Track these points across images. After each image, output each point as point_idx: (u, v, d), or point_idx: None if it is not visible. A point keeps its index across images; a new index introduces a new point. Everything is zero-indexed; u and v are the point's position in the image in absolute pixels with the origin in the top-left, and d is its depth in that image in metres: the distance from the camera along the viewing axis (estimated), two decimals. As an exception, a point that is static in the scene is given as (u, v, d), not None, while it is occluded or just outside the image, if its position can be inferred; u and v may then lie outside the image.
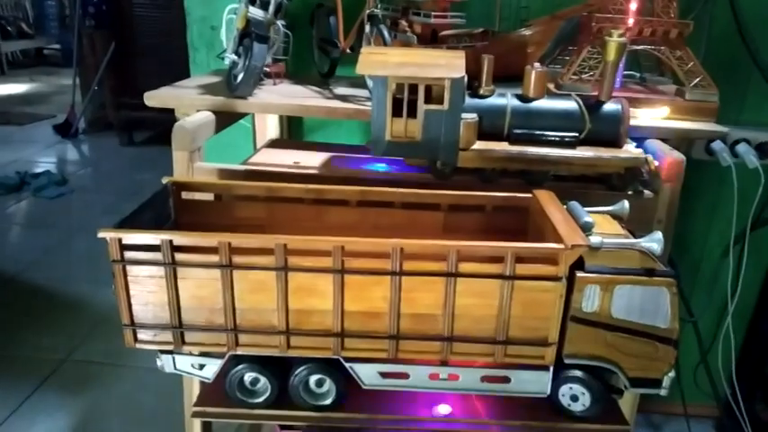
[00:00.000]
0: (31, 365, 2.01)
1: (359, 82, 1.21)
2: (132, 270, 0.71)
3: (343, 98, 1.11)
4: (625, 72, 1.21)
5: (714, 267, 1.63)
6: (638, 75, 1.29)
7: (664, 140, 1.01)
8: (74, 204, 3.44)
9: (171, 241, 0.69)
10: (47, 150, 4.51)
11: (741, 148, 1.45)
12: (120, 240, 0.69)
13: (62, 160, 4.29)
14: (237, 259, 0.70)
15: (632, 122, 0.98)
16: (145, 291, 0.72)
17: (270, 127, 1.46)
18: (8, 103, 6.10)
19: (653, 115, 1.04)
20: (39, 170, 3.85)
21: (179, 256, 0.70)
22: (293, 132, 1.55)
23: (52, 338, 2.16)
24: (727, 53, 1.43)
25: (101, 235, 0.69)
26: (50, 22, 8.78)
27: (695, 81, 1.07)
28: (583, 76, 1.07)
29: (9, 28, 8.09)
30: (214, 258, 0.70)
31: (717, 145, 1.45)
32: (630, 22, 1.08)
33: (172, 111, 1.08)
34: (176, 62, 4.90)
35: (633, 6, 1.06)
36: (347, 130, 1.53)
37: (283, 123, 1.49)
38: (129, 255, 0.70)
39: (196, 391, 1.02)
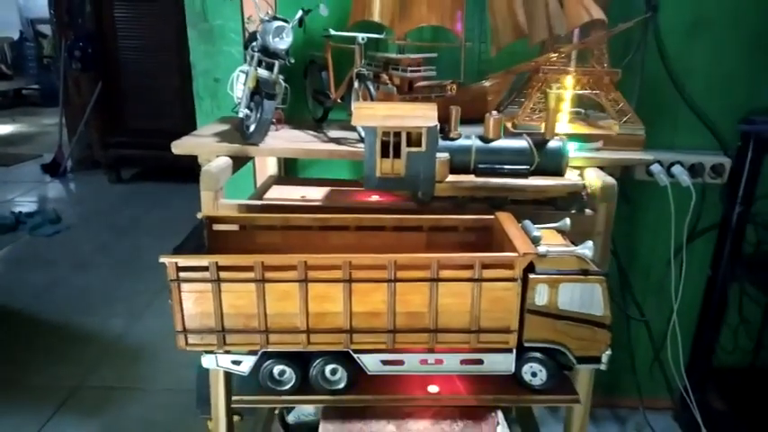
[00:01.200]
0: (47, 393, 2.15)
1: (347, 125, 1.42)
2: (185, 287, 0.91)
3: (338, 141, 1.33)
4: (571, 109, 1.45)
5: (661, 273, 1.86)
6: (582, 111, 1.54)
7: (601, 168, 1.25)
8: (70, 241, 3.59)
9: (217, 263, 0.89)
10: (37, 190, 4.65)
11: (676, 169, 1.71)
12: (176, 264, 0.89)
13: (54, 199, 4.43)
14: (268, 275, 0.91)
15: (573, 154, 1.22)
16: (194, 303, 0.92)
17: (269, 164, 1.67)
18: (-9, 145, 6.19)
19: (592, 147, 1.28)
20: (31, 209, 3.99)
21: (223, 275, 0.90)
22: (289, 169, 1.76)
23: (65, 367, 2.31)
24: (660, 89, 1.69)
25: (162, 260, 0.89)
26: (29, 62, 8.91)
27: (625, 119, 1.32)
28: (534, 116, 1.31)
29: (-12, 70, 8.17)
30: (250, 275, 0.90)
31: (655, 167, 1.71)
32: (571, 71, 1.33)
33: (159, 148, 1.26)
34: (161, 102, 5.11)
35: (573, 59, 1.31)
36: (336, 165, 1.75)
37: (281, 161, 1.70)
38: (183, 275, 0.90)
39: (221, 389, 1.21)
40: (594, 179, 1.18)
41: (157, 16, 4.40)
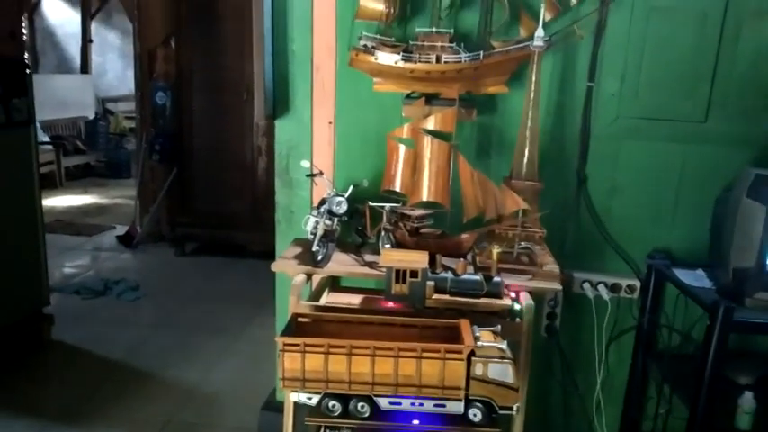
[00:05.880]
0: (146, 425, 2.94)
1: (376, 249, 2.25)
2: (286, 354, 1.71)
3: (371, 265, 2.15)
4: (520, 247, 2.24)
5: (597, 359, 2.60)
6: (529, 246, 2.33)
7: (530, 293, 2.03)
8: (148, 306, 4.44)
9: (304, 342, 1.70)
10: (115, 260, 5.55)
11: (600, 287, 2.49)
12: (283, 341, 1.70)
13: (130, 268, 5.32)
14: (331, 350, 1.70)
15: (513, 282, 2.01)
16: (289, 363, 1.72)
17: (322, 270, 2.50)
18: (71, 215, 7.20)
19: (525, 279, 2.07)
20: (114, 277, 4.88)
21: (306, 349, 1.70)
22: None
23: (156, 406, 3.09)
24: (590, 231, 2.49)
25: (277, 339, 1.70)
26: (100, 139, 10.14)
27: (549, 261, 2.11)
28: (489, 258, 2.11)
29: (67, 145, 9.39)
30: (321, 349, 1.70)
31: (585, 285, 2.50)
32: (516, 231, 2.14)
33: (218, 228, 2.05)
34: (223, 191, 6.08)
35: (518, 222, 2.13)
36: (367, 272, 2.56)
37: (330, 268, 2.53)
38: (286, 347, 1.70)
39: (290, 416, 1.98)
40: (522, 300, 1.97)
41: (229, 123, 5.44)
